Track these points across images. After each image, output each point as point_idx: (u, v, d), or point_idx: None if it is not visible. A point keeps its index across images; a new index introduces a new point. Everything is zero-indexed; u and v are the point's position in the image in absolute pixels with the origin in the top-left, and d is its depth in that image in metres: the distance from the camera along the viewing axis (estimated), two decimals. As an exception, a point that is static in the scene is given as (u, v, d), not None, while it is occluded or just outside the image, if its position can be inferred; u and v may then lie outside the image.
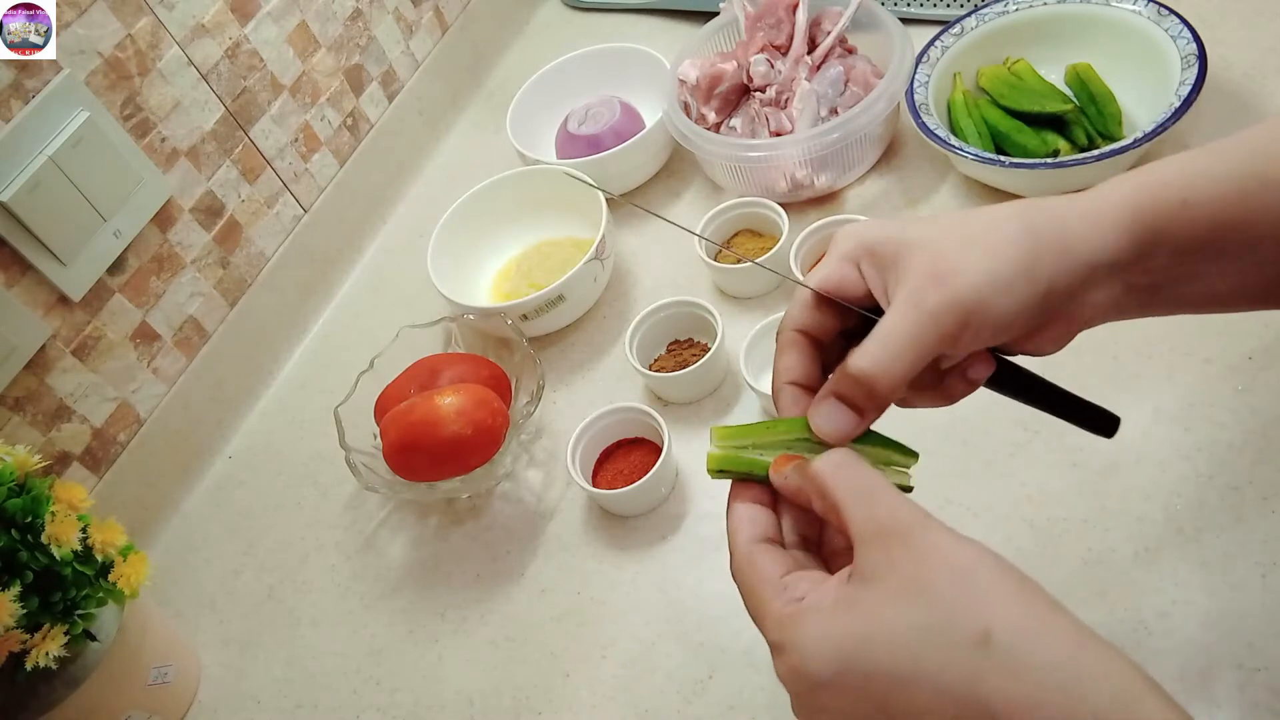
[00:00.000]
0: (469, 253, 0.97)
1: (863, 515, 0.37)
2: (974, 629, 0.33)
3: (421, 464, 0.76)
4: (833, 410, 0.42)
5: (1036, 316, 0.41)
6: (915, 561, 0.35)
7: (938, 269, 0.40)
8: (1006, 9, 0.89)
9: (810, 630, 0.36)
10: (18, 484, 0.65)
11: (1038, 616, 0.34)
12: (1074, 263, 0.40)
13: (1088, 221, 0.41)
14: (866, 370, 0.40)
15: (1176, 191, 0.41)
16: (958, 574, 0.35)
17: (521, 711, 0.69)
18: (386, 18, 1.09)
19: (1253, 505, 0.61)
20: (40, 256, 0.76)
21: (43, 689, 0.67)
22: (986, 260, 0.40)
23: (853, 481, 0.39)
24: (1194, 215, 0.40)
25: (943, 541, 0.36)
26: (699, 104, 0.94)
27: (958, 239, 0.41)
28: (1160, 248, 0.41)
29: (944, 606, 0.34)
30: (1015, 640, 0.33)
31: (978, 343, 0.41)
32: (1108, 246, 0.40)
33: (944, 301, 0.40)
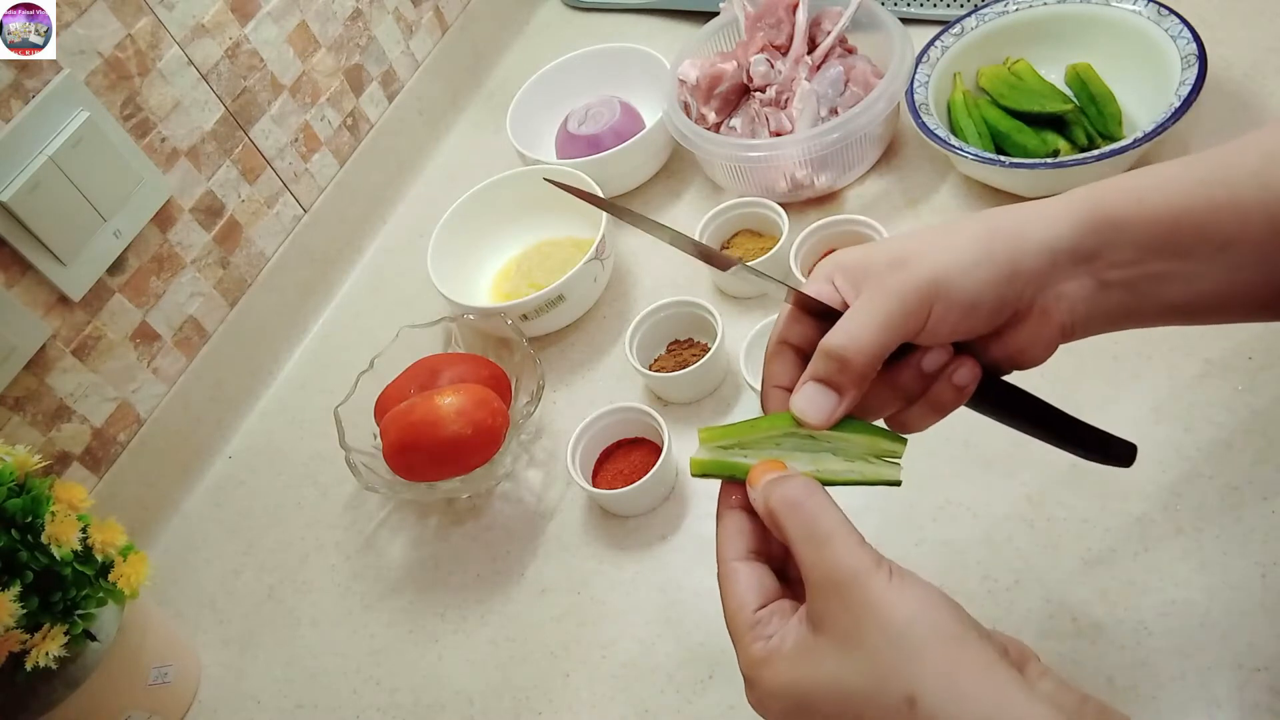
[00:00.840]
0: (469, 253, 0.97)
1: (811, 560, 0.38)
2: (901, 691, 0.35)
3: (421, 464, 0.76)
4: (812, 392, 0.43)
5: (1005, 302, 0.42)
6: (853, 617, 0.37)
7: (897, 259, 0.43)
8: (1006, 9, 0.89)
9: (771, 674, 0.38)
10: (18, 484, 0.65)
11: (963, 680, 0.35)
12: (1030, 246, 0.42)
13: (1042, 212, 0.43)
14: (838, 343, 0.42)
15: (1132, 189, 0.42)
16: (889, 634, 0.36)
17: (521, 711, 0.69)
18: (386, 18, 1.09)
19: (1253, 505, 0.61)
20: (40, 256, 0.76)
21: (43, 689, 0.67)
22: (944, 249, 0.42)
23: (805, 525, 0.39)
24: (1153, 211, 0.41)
25: (881, 596, 0.36)
26: (699, 104, 0.94)
27: (918, 240, 0.44)
28: (1120, 239, 0.42)
29: (875, 667, 0.36)
30: (937, 705, 0.34)
31: (948, 324, 0.42)
32: (1061, 232, 0.42)
33: (905, 280, 0.41)
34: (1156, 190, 0.42)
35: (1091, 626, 0.60)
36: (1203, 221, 0.41)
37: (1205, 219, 0.41)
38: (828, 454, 0.44)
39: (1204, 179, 0.41)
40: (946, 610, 0.37)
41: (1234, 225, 0.40)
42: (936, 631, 0.36)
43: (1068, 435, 0.48)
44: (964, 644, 0.36)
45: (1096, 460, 0.48)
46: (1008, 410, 0.47)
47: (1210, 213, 0.41)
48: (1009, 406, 0.47)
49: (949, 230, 0.43)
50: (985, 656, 0.35)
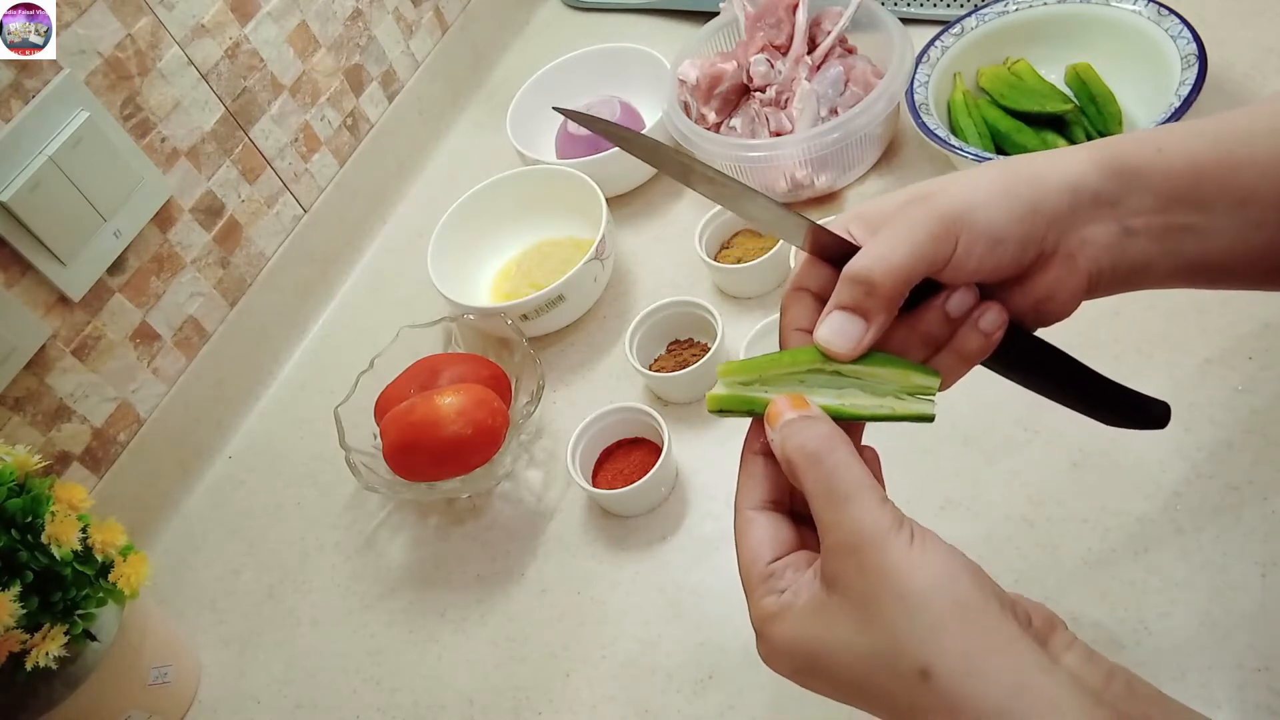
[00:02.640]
0: (469, 253, 0.97)
1: (828, 519, 0.37)
2: (915, 662, 0.34)
3: (421, 464, 0.76)
4: (838, 320, 0.41)
5: (1029, 239, 0.41)
6: (869, 582, 0.35)
7: (918, 195, 0.42)
8: (1006, 9, 0.89)
9: (782, 630, 0.38)
10: (18, 484, 0.65)
11: (980, 655, 0.33)
12: (1050, 185, 0.41)
13: (1061, 156, 0.42)
14: (864, 265, 0.40)
15: (1150, 141, 0.42)
16: (906, 603, 0.35)
17: (521, 711, 0.69)
18: (386, 18, 1.09)
19: (1253, 505, 0.61)
20: (40, 256, 0.76)
21: (43, 689, 0.67)
22: (964, 186, 0.41)
23: (823, 481, 0.38)
24: (1170, 161, 0.41)
25: (898, 563, 0.35)
26: (699, 104, 0.94)
27: (936, 181, 0.43)
28: (1140, 185, 0.41)
29: (889, 635, 0.35)
30: (953, 680, 0.33)
31: (973, 258, 0.41)
32: (1083, 172, 0.41)
33: (928, 211, 0.40)
34: (1176, 142, 0.41)
35: (1091, 626, 0.60)
36: (1223, 174, 0.40)
37: (1225, 172, 0.40)
38: (855, 389, 0.42)
39: (1222, 133, 0.41)
40: (967, 578, 0.35)
41: (1253, 180, 0.40)
42: (956, 602, 0.34)
43: (1099, 397, 0.46)
44: (984, 616, 0.34)
45: (1128, 425, 0.47)
46: (1036, 369, 0.45)
47: (1230, 167, 0.40)
48: (1038, 364, 0.45)
49: (968, 173, 0.43)
50: (1006, 631, 0.34)
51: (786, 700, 0.63)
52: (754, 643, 0.39)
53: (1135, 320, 0.72)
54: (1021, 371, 0.45)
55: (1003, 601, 0.35)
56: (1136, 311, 0.72)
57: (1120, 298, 0.75)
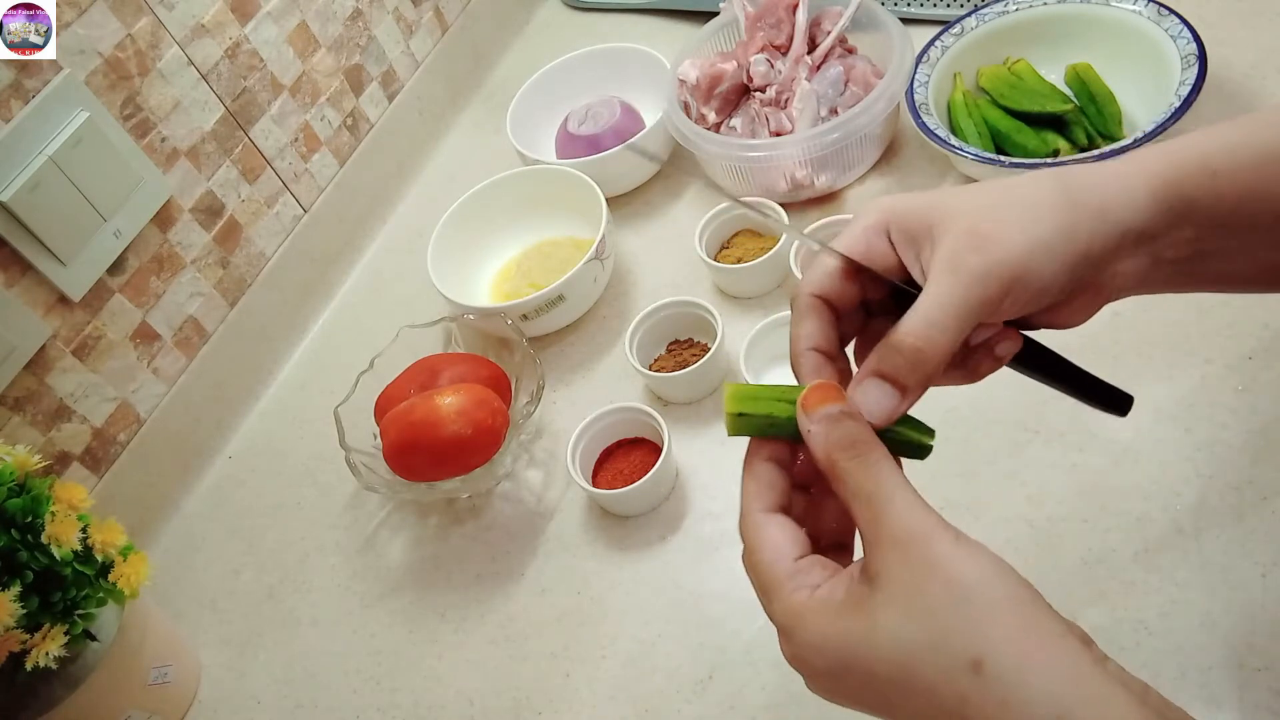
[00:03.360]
0: (469, 253, 0.97)
1: (870, 516, 0.36)
2: (967, 654, 0.33)
3: (421, 464, 0.76)
4: (875, 390, 0.40)
5: (1073, 282, 0.40)
6: (917, 574, 0.34)
7: (976, 232, 0.39)
8: (1006, 9, 0.89)
9: (817, 624, 0.36)
10: (18, 484, 0.65)
11: (1033, 647, 0.33)
12: (1109, 227, 0.39)
13: (1123, 186, 0.40)
14: (914, 341, 0.38)
15: (1208, 161, 0.40)
16: (956, 594, 0.34)
17: (521, 711, 0.69)
18: (386, 18, 1.09)
19: (1253, 505, 0.61)
20: (40, 256, 0.76)
21: (43, 689, 0.67)
22: (1027, 223, 0.39)
23: (868, 480, 0.37)
24: (1221, 187, 0.39)
25: (948, 555, 0.34)
26: (699, 104, 0.94)
27: (994, 203, 0.40)
28: (1189, 219, 0.40)
29: (940, 626, 0.34)
30: (1006, 671, 0.32)
31: (1015, 309, 0.40)
32: (1140, 211, 0.40)
33: (987, 265, 0.38)
34: (1230, 162, 0.40)
35: (1091, 626, 0.59)
36: (1266, 198, 0.39)
37: (1271, 195, 0.39)
38: None
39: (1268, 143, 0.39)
40: (1017, 577, 0.34)
41: None
42: (1008, 595, 0.34)
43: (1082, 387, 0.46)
44: (1036, 611, 0.34)
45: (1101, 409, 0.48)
46: (1034, 366, 0.45)
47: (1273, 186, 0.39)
48: (1036, 364, 0.45)
49: (1024, 198, 0.40)
50: (1058, 627, 0.33)
51: (786, 700, 0.63)
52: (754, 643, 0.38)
53: (1135, 321, 0.72)
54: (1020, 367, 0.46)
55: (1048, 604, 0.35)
56: (1136, 312, 0.72)
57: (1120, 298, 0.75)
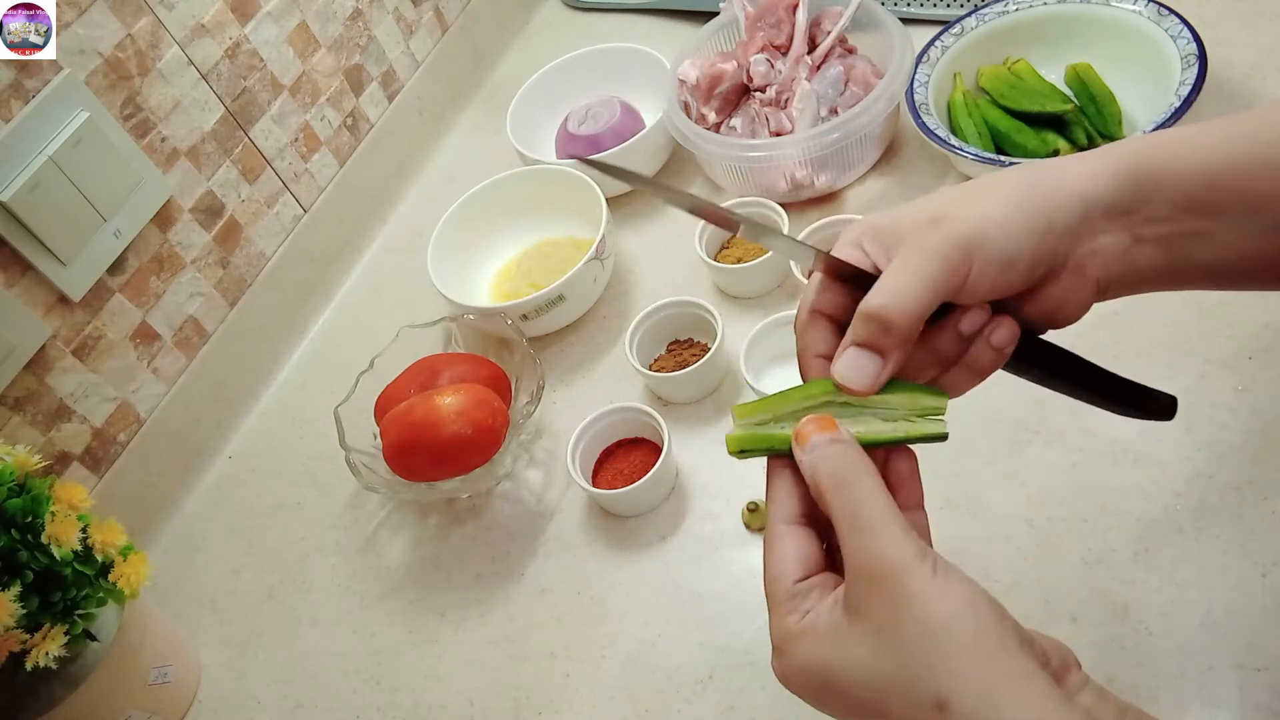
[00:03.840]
0: (469, 253, 0.97)
1: (853, 546, 0.37)
2: (933, 692, 0.34)
3: (421, 464, 0.76)
4: (855, 357, 0.41)
5: (1042, 256, 0.41)
6: (891, 610, 0.35)
7: (933, 216, 0.41)
8: (1006, 9, 0.89)
9: (801, 650, 0.38)
10: (18, 484, 0.65)
11: (999, 687, 0.34)
12: (1067, 198, 0.41)
13: (1081, 165, 0.42)
14: (879, 303, 0.40)
15: (1170, 145, 0.41)
16: (927, 633, 0.35)
17: (521, 711, 0.69)
18: (386, 18, 1.09)
19: (1253, 505, 0.61)
20: (40, 256, 0.76)
21: (43, 689, 0.67)
22: (979, 203, 0.41)
23: (850, 509, 0.38)
24: (1188, 166, 0.41)
25: (921, 592, 0.35)
26: (699, 104, 0.94)
27: (952, 197, 0.42)
28: (1157, 195, 0.41)
29: (909, 663, 0.35)
30: (970, 712, 0.33)
31: (986, 280, 0.41)
32: (1099, 184, 0.41)
33: (943, 238, 0.40)
34: (1194, 147, 0.41)
35: (1091, 626, 0.60)
36: (1238, 181, 0.40)
37: (1241, 178, 0.40)
38: (868, 415, 0.43)
39: (1243, 136, 0.40)
40: (988, 612, 0.35)
41: (1269, 186, 0.40)
42: (976, 634, 0.34)
43: (1108, 392, 0.46)
44: (1003, 650, 0.34)
45: (1137, 416, 0.47)
46: (1047, 369, 0.46)
47: (1247, 172, 0.40)
48: (1048, 365, 0.45)
49: (983, 186, 0.42)
50: (1024, 666, 0.34)
51: (786, 700, 0.63)
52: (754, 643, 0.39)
53: (1135, 321, 0.72)
54: (1031, 370, 0.46)
55: (1021, 638, 0.35)
56: (1136, 312, 0.72)
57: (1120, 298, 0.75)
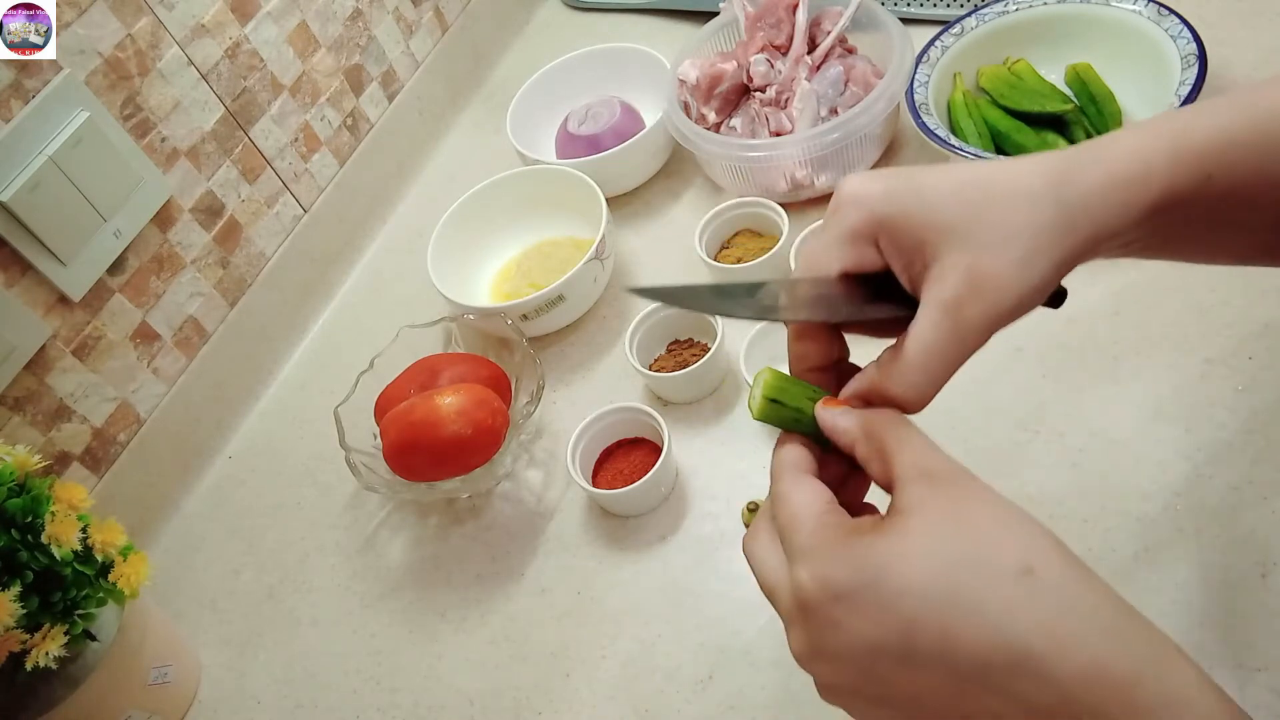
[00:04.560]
0: (469, 253, 0.97)
1: (910, 460, 0.36)
2: (1017, 561, 0.32)
3: (421, 464, 0.76)
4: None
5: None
6: (958, 499, 0.34)
7: (975, 273, 0.38)
8: (1006, 9, 0.89)
9: (843, 541, 0.35)
10: (18, 484, 0.65)
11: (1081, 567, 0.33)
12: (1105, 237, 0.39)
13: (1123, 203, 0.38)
14: (899, 393, 0.39)
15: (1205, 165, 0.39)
16: (1000, 515, 0.34)
17: (521, 711, 0.69)
18: (386, 18, 1.09)
19: (1253, 505, 0.61)
20: (40, 256, 0.76)
21: (43, 689, 0.67)
22: (1026, 257, 0.37)
23: (904, 434, 0.38)
24: (1212, 188, 0.39)
25: (987, 492, 0.35)
26: (699, 104, 0.94)
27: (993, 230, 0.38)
28: (1175, 215, 0.39)
29: (986, 539, 0.33)
30: (1059, 579, 0.32)
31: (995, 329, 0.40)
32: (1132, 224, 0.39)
33: (985, 313, 0.38)
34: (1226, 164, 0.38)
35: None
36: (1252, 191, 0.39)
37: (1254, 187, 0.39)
38: None
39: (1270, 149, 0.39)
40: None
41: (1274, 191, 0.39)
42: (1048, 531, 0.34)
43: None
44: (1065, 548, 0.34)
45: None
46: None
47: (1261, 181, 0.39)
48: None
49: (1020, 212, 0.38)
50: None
51: (786, 700, 0.63)
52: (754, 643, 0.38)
53: (1135, 320, 0.72)
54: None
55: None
56: (1137, 312, 0.72)
57: (1120, 298, 0.76)
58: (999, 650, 0.31)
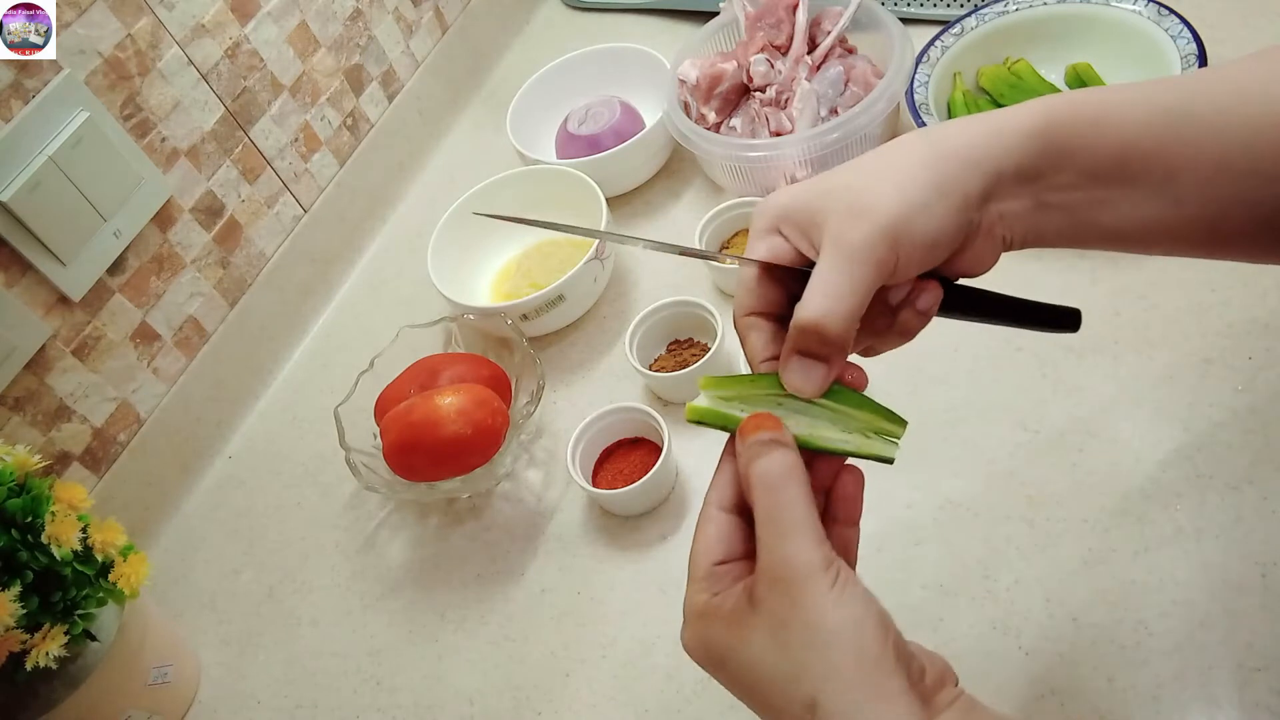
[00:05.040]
0: (469, 253, 0.97)
1: (767, 545, 0.40)
2: (806, 694, 0.37)
3: (421, 464, 0.76)
4: (798, 365, 0.43)
5: (960, 231, 0.42)
6: (786, 611, 0.38)
7: (853, 207, 0.41)
8: (1006, 9, 0.89)
9: (704, 627, 0.41)
10: (18, 484, 0.65)
11: (865, 701, 0.37)
12: (981, 172, 0.41)
13: (992, 128, 0.42)
14: (812, 317, 0.41)
15: (1090, 111, 0.42)
16: (812, 639, 0.37)
17: (521, 711, 0.69)
18: (386, 18, 1.09)
19: (1253, 505, 0.61)
20: (40, 256, 0.76)
21: (43, 689, 0.67)
22: (898, 188, 0.41)
23: (772, 511, 0.40)
24: (1105, 136, 0.41)
25: (816, 602, 0.38)
26: (699, 104, 0.94)
27: (867, 176, 0.42)
28: (1067, 164, 0.42)
29: (791, 663, 0.38)
30: (832, 716, 0.36)
31: (913, 266, 0.42)
32: (1012, 154, 0.41)
33: (868, 233, 0.40)
34: (1114, 113, 0.41)
35: (1091, 626, 0.60)
36: (1153, 150, 0.41)
37: (1156, 148, 0.41)
38: (825, 420, 0.44)
39: (1165, 107, 0.41)
40: (873, 630, 0.38)
41: (1184, 157, 0.41)
42: (856, 648, 0.37)
43: (1021, 315, 0.48)
44: (877, 667, 0.37)
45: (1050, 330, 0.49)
46: (966, 310, 0.47)
47: (1163, 142, 0.41)
48: (966, 307, 0.47)
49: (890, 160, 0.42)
50: (893, 686, 0.37)
51: (786, 700, 0.63)
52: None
53: (1135, 321, 0.72)
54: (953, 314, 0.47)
55: (900, 655, 0.38)
56: (1136, 312, 0.73)
57: (1120, 298, 0.76)
58: None
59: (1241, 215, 0.41)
